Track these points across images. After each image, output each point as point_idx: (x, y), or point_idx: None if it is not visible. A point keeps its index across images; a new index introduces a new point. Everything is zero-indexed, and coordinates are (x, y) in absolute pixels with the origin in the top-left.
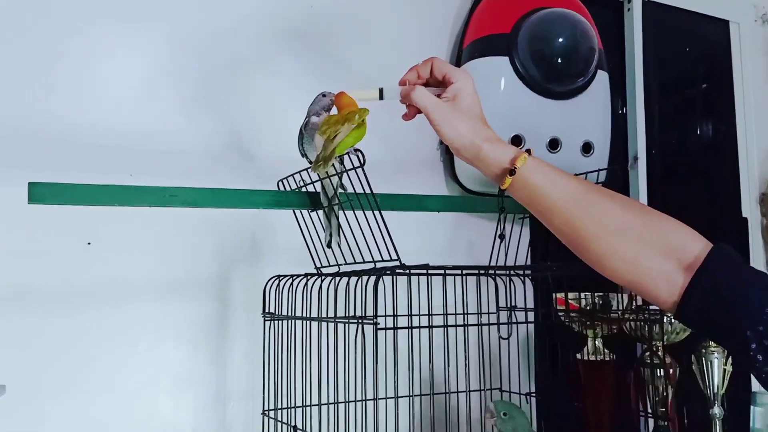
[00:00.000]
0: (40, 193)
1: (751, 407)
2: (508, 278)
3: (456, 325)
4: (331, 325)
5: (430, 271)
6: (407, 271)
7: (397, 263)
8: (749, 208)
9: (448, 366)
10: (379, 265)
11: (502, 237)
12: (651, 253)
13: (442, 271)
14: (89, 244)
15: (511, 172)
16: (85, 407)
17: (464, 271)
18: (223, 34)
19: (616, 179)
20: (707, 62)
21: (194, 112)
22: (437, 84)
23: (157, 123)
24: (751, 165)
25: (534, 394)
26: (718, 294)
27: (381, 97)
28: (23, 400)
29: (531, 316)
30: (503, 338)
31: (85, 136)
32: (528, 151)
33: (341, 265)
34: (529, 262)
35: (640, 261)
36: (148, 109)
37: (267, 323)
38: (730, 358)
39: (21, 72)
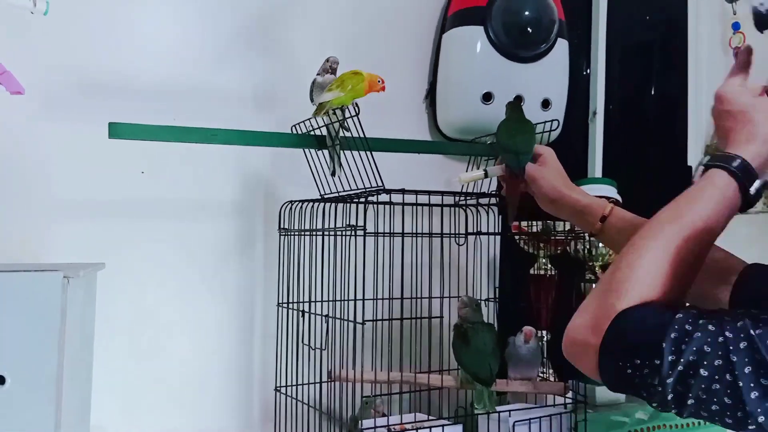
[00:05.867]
0: (118, 130)
1: None
2: (469, 206)
3: (423, 235)
4: (331, 238)
5: (405, 193)
6: (388, 194)
7: (382, 188)
8: (694, 158)
9: (422, 275)
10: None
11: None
12: (714, 283)
13: (414, 194)
14: (143, 173)
15: (602, 219)
16: (143, 293)
17: (431, 195)
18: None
19: (576, 131)
20: (665, 27)
21: (224, 68)
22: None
23: (194, 77)
24: (699, 119)
25: (493, 299)
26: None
27: (486, 176)
28: (114, 273)
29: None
30: (459, 244)
31: (136, 87)
32: (614, 202)
33: (340, 192)
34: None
35: (708, 291)
36: (187, 65)
37: (282, 237)
38: None
39: (84, 34)
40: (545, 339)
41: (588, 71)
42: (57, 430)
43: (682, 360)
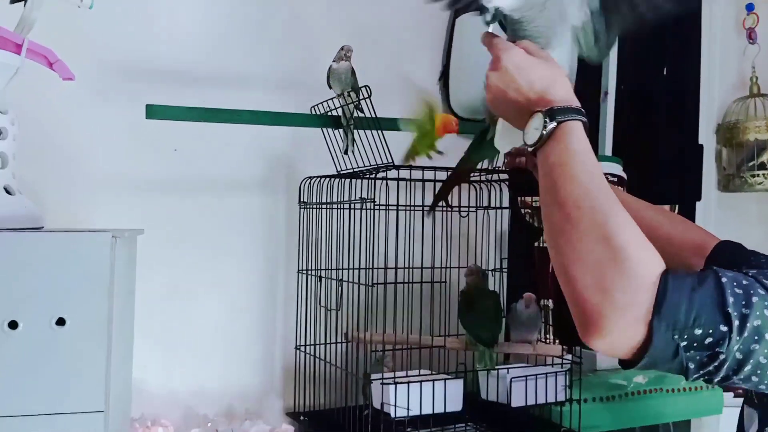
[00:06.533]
0: (154, 111)
1: None
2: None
3: (433, 208)
4: (347, 211)
5: (413, 169)
6: (397, 170)
7: (391, 164)
8: (705, 137)
9: (432, 245)
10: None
11: None
12: (689, 255)
13: (421, 170)
14: (175, 150)
15: None
16: (177, 260)
17: (437, 171)
18: None
19: (588, 111)
20: (679, 9)
21: (249, 54)
22: None
23: (222, 63)
24: (711, 99)
25: (500, 269)
26: None
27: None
28: (151, 241)
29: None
30: (462, 217)
31: (170, 72)
32: (619, 179)
33: (354, 168)
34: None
35: (684, 263)
36: (215, 52)
37: (302, 210)
38: None
39: (125, 25)
40: (550, 307)
41: None
42: (108, 363)
43: (747, 325)
